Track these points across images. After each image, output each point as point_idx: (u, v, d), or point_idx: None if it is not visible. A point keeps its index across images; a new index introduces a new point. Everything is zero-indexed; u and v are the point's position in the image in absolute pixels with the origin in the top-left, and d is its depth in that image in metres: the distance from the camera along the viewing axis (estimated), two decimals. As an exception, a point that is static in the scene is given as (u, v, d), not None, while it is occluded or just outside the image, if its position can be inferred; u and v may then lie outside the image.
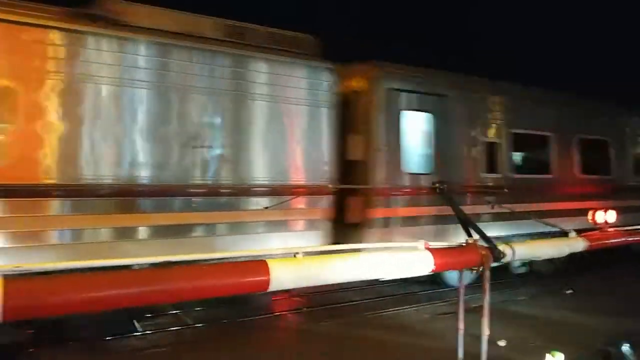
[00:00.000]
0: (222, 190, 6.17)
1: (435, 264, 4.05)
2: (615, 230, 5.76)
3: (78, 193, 5.45)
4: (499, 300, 7.85)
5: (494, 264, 4.45)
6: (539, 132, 9.38)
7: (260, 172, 6.61)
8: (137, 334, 6.58)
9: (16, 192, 4.97)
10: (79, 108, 5.40)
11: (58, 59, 5.25)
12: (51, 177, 5.25)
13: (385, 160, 7.48)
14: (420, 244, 4.11)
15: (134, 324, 6.81)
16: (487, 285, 4.33)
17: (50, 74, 5.22)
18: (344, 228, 7.29)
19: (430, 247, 4.16)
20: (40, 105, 5.15)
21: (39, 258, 4.98)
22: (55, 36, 5.23)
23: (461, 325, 4.60)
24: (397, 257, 3.90)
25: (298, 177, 6.86)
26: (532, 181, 9.12)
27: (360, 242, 6.77)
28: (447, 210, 6.56)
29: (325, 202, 6.95)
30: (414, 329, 6.65)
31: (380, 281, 6.67)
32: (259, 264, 3.09)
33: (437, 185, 4.67)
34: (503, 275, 9.10)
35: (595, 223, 6.39)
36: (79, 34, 5.38)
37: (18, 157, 5.06)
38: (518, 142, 9.11)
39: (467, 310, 4.70)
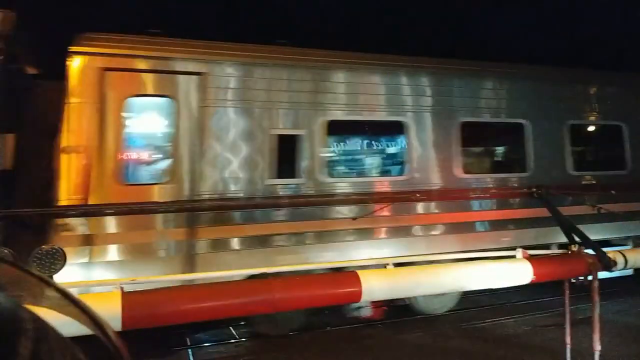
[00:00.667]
0: None
1: (535, 274, 3.81)
2: None
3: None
4: (610, 311, 7.20)
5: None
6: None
7: None
8: (234, 341, 6.89)
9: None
10: None
11: None
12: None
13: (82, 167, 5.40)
14: (519, 253, 3.90)
15: (230, 330, 7.15)
16: (596, 297, 3.99)
17: None
18: None
19: (530, 255, 3.93)
20: None
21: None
22: None
23: (568, 340, 4.28)
24: (492, 266, 3.73)
25: None
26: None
27: None
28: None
29: None
30: (513, 341, 6.27)
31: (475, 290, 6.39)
32: (350, 275, 3.11)
33: (535, 189, 4.40)
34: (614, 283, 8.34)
35: None
36: None
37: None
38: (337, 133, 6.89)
39: (573, 323, 4.37)
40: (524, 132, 7.60)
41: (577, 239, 4.30)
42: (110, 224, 5.49)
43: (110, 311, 2.40)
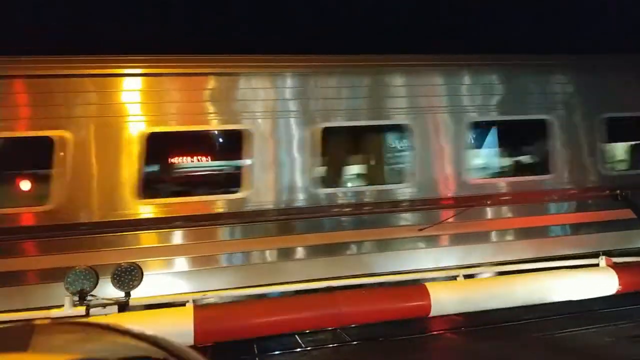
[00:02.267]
0: None
1: (621, 284, 3.52)
2: None
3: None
4: None
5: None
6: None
7: None
8: (299, 349, 6.92)
9: None
10: None
11: None
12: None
13: None
14: (602, 261, 3.61)
15: (296, 339, 7.20)
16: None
17: None
18: None
19: (615, 263, 3.63)
20: None
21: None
22: None
23: (662, 356, 3.89)
24: (573, 277, 3.48)
25: None
26: None
27: None
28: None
29: None
30: (594, 354, 5.82)
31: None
32: (419, 289, 3.00)
33: (619, 192, 4.06)
34: None
35: None
36: None
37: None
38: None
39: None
40: None
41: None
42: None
43: (183, 326, 2.44)
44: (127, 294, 3.14)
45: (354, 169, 7.43)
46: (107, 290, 4.17)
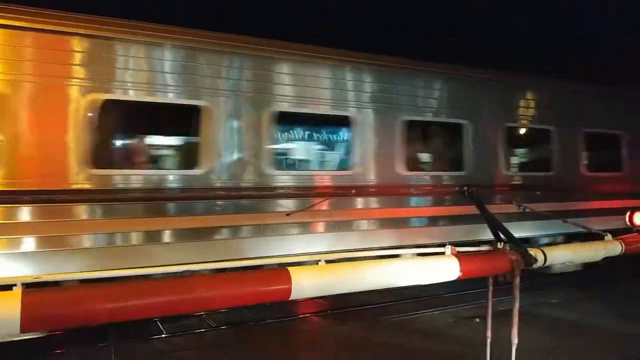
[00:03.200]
0: None
1: (461, 270, 3.90)
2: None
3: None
4: (529, 303, 7.63)
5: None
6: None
7: None
8: (162, 336, 6.62)
9: None
10: None
11: None
12: None
13: None
14: (448, 249, 3.97)
15: (158, 326, 6.86)
16: (516, 293, 4.15)
17: None
18: None
19: (458, 252, 4.02)
20: None
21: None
22: None
23: (489, 333, 4.44)
24: (422, 263, 3.77)
25: None
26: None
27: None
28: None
29: None
30: (438, 333, 6.49)
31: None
32: (281, 273, 3.01)
33: (466, 188, 4.51)
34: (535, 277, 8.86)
35: (632, 224, 6.00)
36: None
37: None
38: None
39: (495, 315, 4.54)
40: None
41: (502, 236, 4.44)
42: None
43: (6, 313, 2.14)
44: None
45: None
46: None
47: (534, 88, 8.82)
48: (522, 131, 8.82)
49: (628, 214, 5.97)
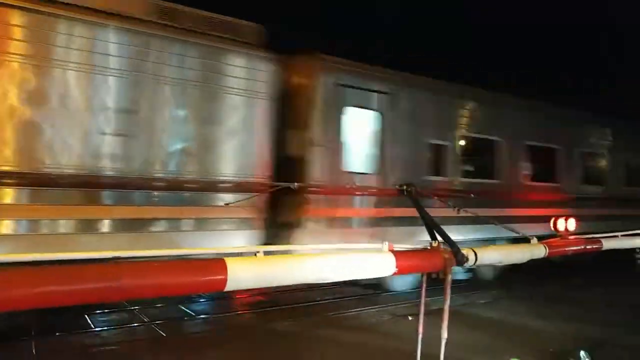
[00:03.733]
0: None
1: (397, 266, 3.99)
2: (576, 238, 5.87)
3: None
4: (460, 303, 7.94)
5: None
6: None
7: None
8: (90, 330, 6.32)
9: None
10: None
11: None
12: None
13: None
14: (385, 246, 4.05)
15: (86, 319, 6.55)
16: (448, 290, 4.30)
17: None
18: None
19: (395, 249, 4.11)
20: None
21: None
22: None
23: (421, 329, 4.57)
24: (359, 258, 3.83)
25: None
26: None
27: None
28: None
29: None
30: (375, 330, 6.62)
31: (344, 281, 6.61)
32: (217, 263, 2.95)
33: (405, 187, 4.61)
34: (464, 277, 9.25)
35: (556, 230, 6.46)
36: None
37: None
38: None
39: (428, 313, 4.69)
40: None
41: (438, 236, 4.59)
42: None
43: None
44: None
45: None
46: None
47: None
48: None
49: (552, 220, 6.42)
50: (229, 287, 2.97)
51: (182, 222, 6.15)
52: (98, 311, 6.81)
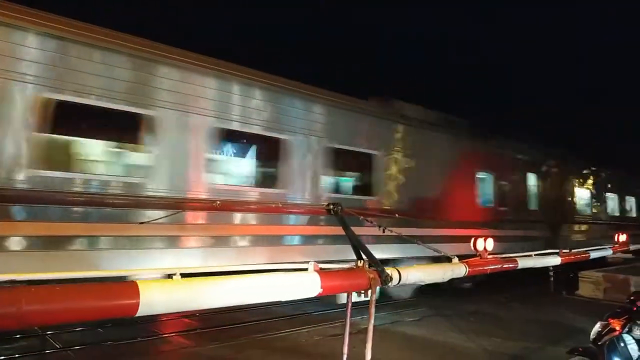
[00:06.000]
0: None
1: (322, 287, 3.99)
2: (493, 257, 6.18)
3: None
4: (388, 322, 8.07)
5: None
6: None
7: None
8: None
9: None
10: None
11: None
12: None
13: None
14: (311, 265, 4.04)
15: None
16: (372, 309, 4.34)
17: None
18: None
19: (320, 268, 4.11)
20: None
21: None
22: None
23: (345, 350, 4.58)
24: (283, 279, 3.79)
25: None
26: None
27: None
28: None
29: None
30: (303, 351, 6.56)
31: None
32: (128, 286, 2.80)
33: (332, 206, 4.65)
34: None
35: (476, 250, 6.76)
36: None
37: None
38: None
39: (357, 332, 4.71)
40: None
41: (363, 255, 4.65)
42: None
43: None
44: None
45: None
46: None
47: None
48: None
49: (472, 240, 6.72)
50: (142, 312, 2.83)
51: None
52: (9, 337, 6.26)
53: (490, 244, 6.40)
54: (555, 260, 7.05)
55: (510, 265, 6.26)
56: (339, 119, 8.85)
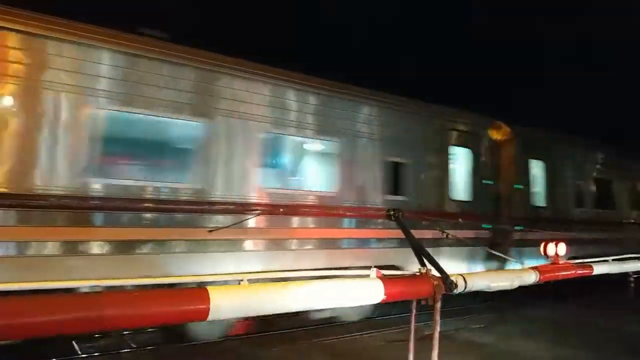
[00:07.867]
0: None
1: (385, 293, 3.95)
2: (566, 263, 5.86)
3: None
4: (452, 328, 7.84)
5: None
6: None
7: None
8: (76, 356, 6.20)
9: None
10: None
11: None
12: None
13: None
14: (373, 272, 4.02)
15: (73, 346, 6.42)
16: (437, 317, 4.26)
17: None
18: None
19: (383, 275, 4.08)
20: None
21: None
22: None
23: (411, 357, 4.51)
24: (347, 285, 3.80)
25: None
26: None
27: None
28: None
29: None
30: (366, 356, 6.51)
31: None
32: (199, 292, 2.91)
33: (392, 212, 4.60)
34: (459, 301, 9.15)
35: (546, 255, 6.40)
36: None
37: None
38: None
39: (420, 338, 4.62)
40: None
41: (426, 261, 4.56)
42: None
43: None
44: None
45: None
46: None
47: None
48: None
49: (542, 245, 6.35)
50: (212, 317, 2.93)
51: None
52: (85, 337, 6.68)
53: (562, 248, 6.04)
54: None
55: (585, 271, 5.92)
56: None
